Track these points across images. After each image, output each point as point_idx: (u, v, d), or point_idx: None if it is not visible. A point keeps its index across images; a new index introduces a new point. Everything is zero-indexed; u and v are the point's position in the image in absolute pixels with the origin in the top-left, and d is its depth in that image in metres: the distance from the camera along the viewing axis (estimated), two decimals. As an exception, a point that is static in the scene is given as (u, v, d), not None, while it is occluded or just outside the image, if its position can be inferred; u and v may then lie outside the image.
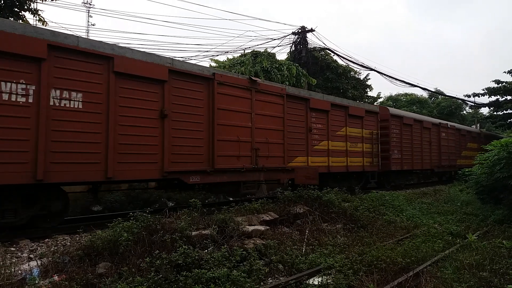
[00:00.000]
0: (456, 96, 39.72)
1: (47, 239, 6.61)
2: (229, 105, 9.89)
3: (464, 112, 48.48)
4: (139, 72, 7.96)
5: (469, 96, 32.49)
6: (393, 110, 18.31)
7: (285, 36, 22.73)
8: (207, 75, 9.45)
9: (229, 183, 10.07)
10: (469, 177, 14.75)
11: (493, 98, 30.04)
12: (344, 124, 14.33)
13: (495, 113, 33.04)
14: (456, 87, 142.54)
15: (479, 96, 30.93)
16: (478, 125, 45.64)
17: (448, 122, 24.50)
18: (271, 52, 20.48)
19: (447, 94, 41.49)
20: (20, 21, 11.25)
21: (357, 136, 14.95)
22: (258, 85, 10.75)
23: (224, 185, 10.32)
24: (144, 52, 8.47)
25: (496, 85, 28.95)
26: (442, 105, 42.44)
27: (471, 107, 46.24)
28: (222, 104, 9.71)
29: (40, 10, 11.87)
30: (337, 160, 13.78)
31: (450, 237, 8.95)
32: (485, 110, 45.08)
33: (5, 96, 6.24)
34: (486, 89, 29.61)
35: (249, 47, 20.92)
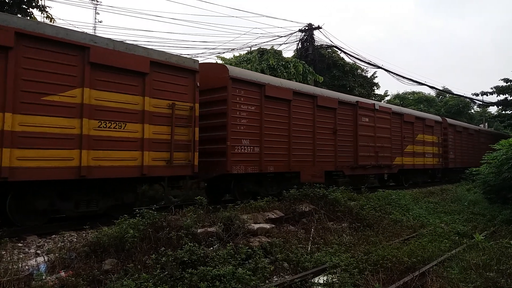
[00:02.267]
0: (464, 95, 39.46)
1: (54, 235, 6.65)
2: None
3: (472, 111, 48.07)
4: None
5: (477, 94, 32.31)
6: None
7: (291, 34, 22.66)
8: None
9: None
10: (476, 177, 14.64)
11: (502, 96, 29.82)
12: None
13: (503, 112, 32.74)
14: (464, 85, 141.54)
15: (487, 95, 30.78)
16: (486, 124, 45.25)
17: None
18: (278, 49, 20.48)
19: (455, 93, 41.23)
20: (28, 18, 11.31)
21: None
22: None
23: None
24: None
25: (504, 84, 28.69)
26: (449, 103, 42.13)
27: (479, 106, 45.88)
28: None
29: (48, 7, 11.96)
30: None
31: (457, 237, 8.89)
32: (493, 109, 44.75)
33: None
34: (494, 87, 29.40)
35: (256, 45, 20.86)
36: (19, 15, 10.91)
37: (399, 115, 17.24)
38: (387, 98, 40.31)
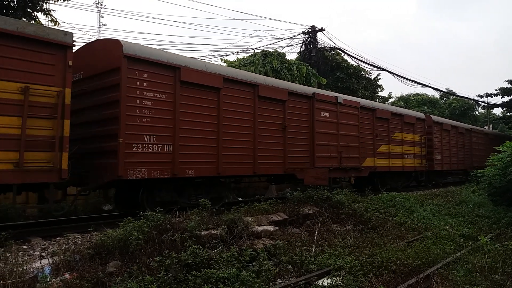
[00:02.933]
0: (468, 97, 39.28)
1: (58, 238, 6.68)
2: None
3: (476, 112, 47.87)
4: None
5: (481, 96, 32.18)
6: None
7: (295, 36, 22.71)
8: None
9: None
10: (481, 179, 14.56)
11: (506, 98, 29.64)
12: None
13: (508, 113, 32.58)
14: (468, 87, 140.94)
15: (491, 97, 30.62)
16: (491, 126, 45.03)
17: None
18: (281, 52, 20.50)
19: (459, 95, 41.07)
20: (33, 21, 11.38)
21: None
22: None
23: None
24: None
25: (509, 85, 28.57)
26: (454, 105, 41.95)
27: (483, 107, 45.66)
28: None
29: (53, 10, 11.99)
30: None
31: (462, 239, 8.84)
32: (498, 111, 44.51)
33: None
34: (499, 89, 29.26)
35: (259, 47, 20.96)
36: (23, 19, 10.98)
37: (370, 111, 15.12)
38: (391, 100, 40.22)
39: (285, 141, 11.06)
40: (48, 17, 11.94)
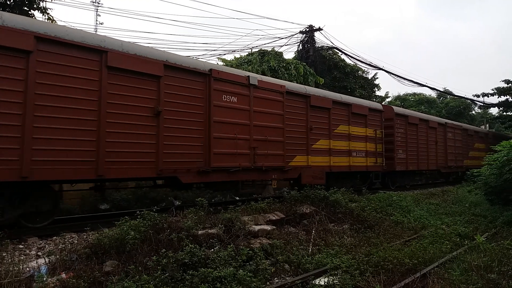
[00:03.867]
0: (465, 96, 39.45)
1: (55, 237, 6.66)
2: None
3: (473, 112, 48.04)
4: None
5: (478, 96, 32.32)
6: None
7: (292, 35, 22.70)
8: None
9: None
10: (477, 178, 14.62)
11: (503, 98, 29.79)
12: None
13: (504, 113, 32.72)
14: (465, 87, 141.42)
15: (488, 96, 30.76)
16: (487, 125, 45.20)
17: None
18: (279, 51, 20.48)
19: (456, 94, 41.21)
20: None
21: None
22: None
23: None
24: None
25: (505, 85, 28.69)
26: (450, 105, 42.09)
27: (480, 107, 45.88)
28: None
29: (49, 9, 11.97)
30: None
31: (458, 239, 8.87)
32: (494, 110, 44.71)
33: None
34: (495, 89, 29.38)
35: (256, 46, 20.91)
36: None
37: (302, 97, 11.82)
38: (388, 99, 40.32)
39: (159, 132, 8.11)
40: (45, 16, 11.92)
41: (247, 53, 20.73)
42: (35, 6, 11.68)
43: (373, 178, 15.71)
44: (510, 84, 28.44)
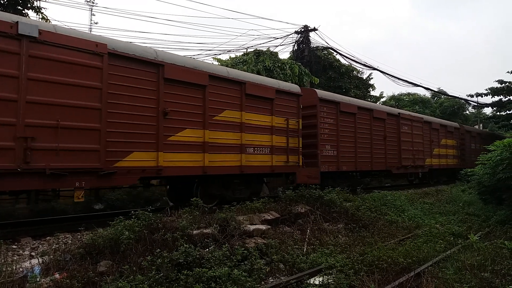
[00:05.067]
0: (459, 96, 39.63)
1: (48, 237, 6.63)
2: None
3: (467, 112, 48.31)
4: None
5: (472, 96, 32.42)
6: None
7: (287, 35, 22.71)
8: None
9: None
10: (471, 178, 14.71)
11: (496, 98, 29.95)
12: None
13: (498, 113, 32.93)
14: (459, 86, 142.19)
15: (482, 96, 30.87)
16: (481, 125, 45.47)
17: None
18: (274, 51, 20.50)
19: (450, 94, 41.39)
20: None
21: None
22: None
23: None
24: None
25: (499, 85, 28.86)
26: (445, 105, 42.30)
27: (474, 107, 46.11)
28: None
29: (43, 8, 11.92)
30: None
31: (452, 238, 8.93)
32: (488, 110, 44.98)
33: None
34: (489, 89, 29.52)
35: (252, 46, 20.92)
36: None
37: (148, 66, 8.12)
38: (383, 99, 40.46)
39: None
40: (39, 15, 11.86)
41: (242, 53, 20.73)
42: (29, 5, 11.62)
43: (289, 181, 11.98)
44: (503, 84, 28.60)
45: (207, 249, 6.15)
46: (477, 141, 26.90)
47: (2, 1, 11.21)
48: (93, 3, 28.00)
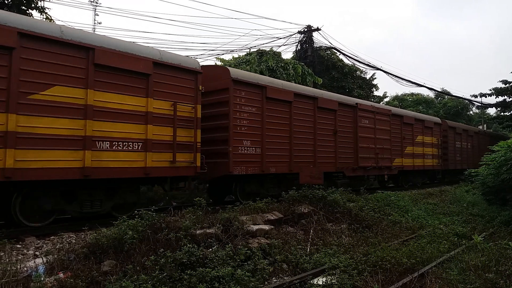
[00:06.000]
0: (463, 96, 39.49)
1: (52, 237, 6.65)
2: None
3: (471, 112, 48.15)
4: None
5: (476, 96, 32.38)
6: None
7: (291, 35, 22.69)
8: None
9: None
10: (475, 178, 14.66)
11: (500, 98, 29.86)
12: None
13: (502, 113, 32.81)
14: (463, 87, 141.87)
15: (486, 97, 30.81)
16: (485, 125, 45.31)
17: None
18: (277, 51, 20.51)
19: (453, 94, 41.27)
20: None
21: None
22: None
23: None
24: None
25: (503, 85, 28.77)
26: (448, 105, 42.17)
27: (478, 107, 45.95)
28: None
29: (47, 8, 11.95)
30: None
31: (456, 238, 8.90)
32: (492, 111, 44.81)
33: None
34: (493, 89, 29.44)
35: (255, 46, 20.90)
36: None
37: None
38: (386, 99, 40.37)
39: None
40: (43, 15, 11.90)
41: (246, 53, 20.74)
42: (33, 5, 11.65)
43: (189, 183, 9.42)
44: (507, 85, 28.51)
45: (211, 249, 6.16)
46: (464, 139, 24.15)
47: (6, 1, 11.25)
48: (97, 3, 28.13)
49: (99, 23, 41.50)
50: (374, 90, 30.00)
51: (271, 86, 11.15)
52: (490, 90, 29.73)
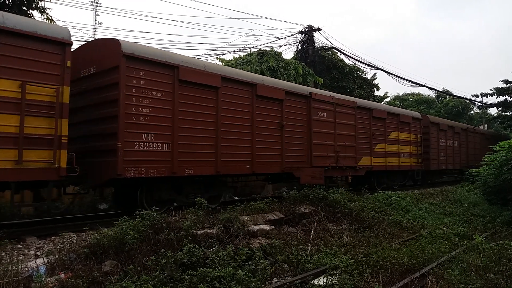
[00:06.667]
0: (464, 96, 39.48)
1: (53, 237, 6.65)
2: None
3: (472, 112, 48.10)
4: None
5: (477, 96, 32.38)
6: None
7: (291, 35, 22.68)
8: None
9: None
10: (476, 178, 14.64)
11: (502, 98, 29.82)
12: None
13: (503, 113, 32.78)
14: (464, 87, 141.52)
15: (487, 96, 30.80)
16: (486, 125, 45.25)
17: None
18: (278, 51, 20.49)
19: (454, 94, 41.24)
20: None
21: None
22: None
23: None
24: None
25: (504, 85, 28.74)
26: (449, 105, 42.12)
27: (479, 107, 45.89)
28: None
29: (48, 8, 11.95)
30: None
31: (457, 238, 8.89)
32: (493, 110, 44.78)
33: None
34: (494, 89, 29.42)
35: (256, 46, 20.89)
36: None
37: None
38: (387, 99, 40.34)
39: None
40: (44, 15, 11.90)
41: (246, 53, 20.74)
42: (33, 5, 11.66)
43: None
44: (508, 84, 28.48)
45: (211, 249, 6.16)
46: (449, 136, 21.81)
47: (7, 1, 11.26)
48: (98, 3, 28.16)
49: (100, 24, 41.53)
50: (375, 90, 29.96)
51: (186, 66, 8.85)
52: (491, 90, 29.73)
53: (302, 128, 11.95)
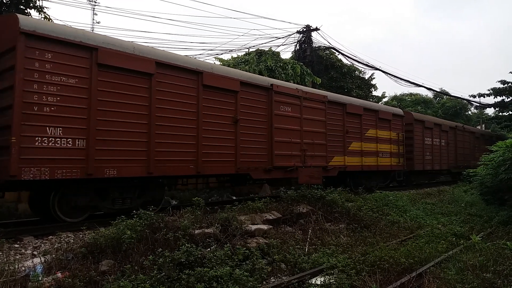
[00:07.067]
0: (461, 97, 39.58)
1: (50, 236, 6.64)
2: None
3: (469, 112, 48.26)
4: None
5: (474, 96, 32.39)
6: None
7: (289, 35, 22.71)
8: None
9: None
10: (473, 178, 14.68)
11: (499, 98, 29.88)
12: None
13: (500, 113, 32.86)
14: (462, 87, 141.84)
15: (484, 97, 30.80)
16: (483, 125, 45.39)
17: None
18: (276, 51, 20.52)
19: (452, 95, 41.37)
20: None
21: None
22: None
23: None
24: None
25: (501, 86, 28.79)
26: (447, 105, 42.27)
27: (476, 107, 46.02)
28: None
29: (46, 8, 11.91)
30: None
31: (454, 238, 8.90)
32: (490, 111, 44.90)
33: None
34: (491, 89, 29.45)
35: (254, 46, 20.95)
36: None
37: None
38: (385, 99, 40.44)
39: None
40: (41, 14, 11.87)
41: (244, 52, 20.74)
42: (31, 4, 11.62)
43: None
44: (506, 85, 28.53)
45: (209, 249, 6.16)
46: (436, 135, 20.76)
47: (4, 0, 11.22)
48: (96, 2, 28.10)
49: (98, 23, 41.46)
50: (373, 90, 30.05)
51: (109, 48, 7.56)
52: (489, 90, 29.77)
53: (261, 123, 10.72)
